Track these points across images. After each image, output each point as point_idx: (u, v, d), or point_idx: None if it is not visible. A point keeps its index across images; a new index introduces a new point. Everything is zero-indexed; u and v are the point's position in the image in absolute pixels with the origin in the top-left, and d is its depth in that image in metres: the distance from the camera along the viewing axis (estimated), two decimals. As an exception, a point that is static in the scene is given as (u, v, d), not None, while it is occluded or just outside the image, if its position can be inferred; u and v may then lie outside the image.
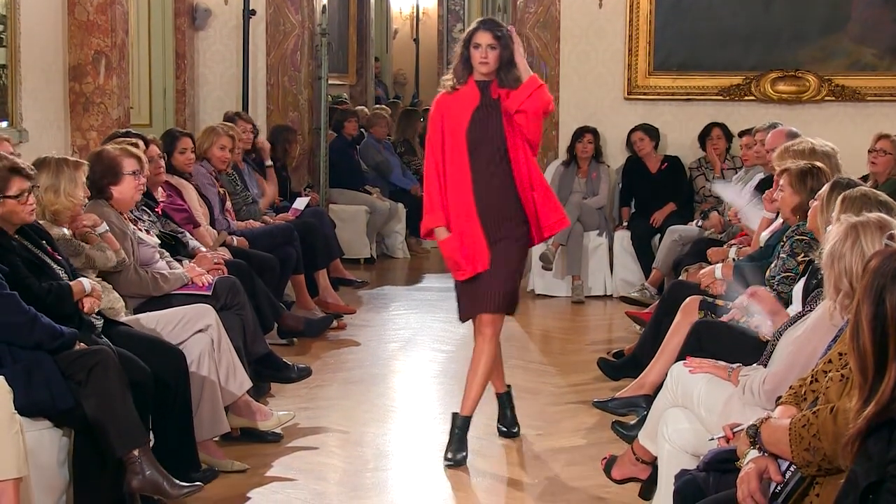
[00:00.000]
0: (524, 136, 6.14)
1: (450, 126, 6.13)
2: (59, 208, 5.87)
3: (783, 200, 6.13)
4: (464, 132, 6.10)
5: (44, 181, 5.75)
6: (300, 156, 11.62)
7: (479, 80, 6.14)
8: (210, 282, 6.73)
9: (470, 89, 6.16)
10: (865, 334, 2.98)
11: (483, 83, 6.14)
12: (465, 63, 6.14)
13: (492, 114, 6.12)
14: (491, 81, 6.13)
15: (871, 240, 3.78)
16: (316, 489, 5.83)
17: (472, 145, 6.10)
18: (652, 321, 7.30)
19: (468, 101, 6.14)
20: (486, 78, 6.13)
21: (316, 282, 9.50)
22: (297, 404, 7.08)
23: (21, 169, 5.25)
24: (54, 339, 4.99)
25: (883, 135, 8.51)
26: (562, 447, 6.50)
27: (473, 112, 6.12)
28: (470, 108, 6.13)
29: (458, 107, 6.15)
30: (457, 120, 6.12)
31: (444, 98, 6.22)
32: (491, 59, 6.05)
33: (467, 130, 6.10)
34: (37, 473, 4.66)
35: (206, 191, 8.62)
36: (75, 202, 5.91)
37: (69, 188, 5.87)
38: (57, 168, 5.87)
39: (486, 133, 6.10)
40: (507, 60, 6.07)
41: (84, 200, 6.00)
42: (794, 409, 3.78)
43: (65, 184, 5.86)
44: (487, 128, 6.10)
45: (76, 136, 9.39)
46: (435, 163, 6.15)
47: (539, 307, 10.62)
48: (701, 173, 10.75)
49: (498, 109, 6.12)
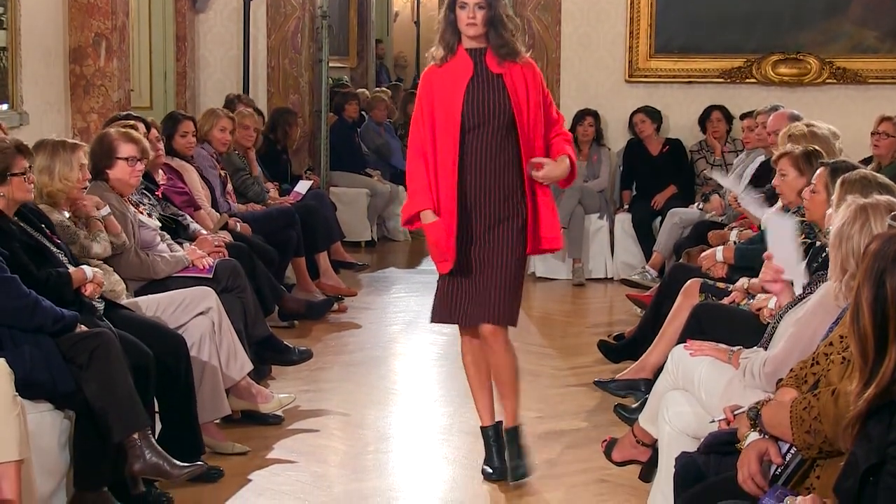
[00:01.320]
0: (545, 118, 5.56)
1: (440, 102, 5.45)
2: (52, 191, 5.83)
3: (787, 184, 6.12)
4: (458, 108, 5.42)
5: (39, 163, 5.73)
6: (301, 138, 11.60)
7: (470, 47, 5.48)
8: (211, 264, 6.73)
9: (461, 60, 5.48)
10: (866, 317, 2.98)
11: (475, 52, 5.48)
12: (452, 28, 5.47)
13: (493, 87, 5.45)
14: (485, 50, 5.47)
15: (880, 222, 3.78)
16: (317, 471, 5.84)
17: (469, 124, 5.43)
18: (652, 304, 7.30)
19: (460, 72, 5.47)
20: (478, 44, 5.47)
21: (317, 264, 9.51)
22: (298, 387, 7.09)
23: (24, 148, 5.29)
24: (56, 322, 4.99)
25: (885, 117, 8.49)
26: (562, 430, 6.51)
27: (468, 85, 5.45)
28: (463, 81, 5.45)
29: (449, 80, 5.46)
30: (449, 95, 5.44)
31: (432, 71, 5.54)
32: (479, 20, 5.39)
33: (462, 106, 5.42)
34: (38, 456, 4.66)
35: (208, 173, 8.62)
36: (70, 185, 5.88)
37: (64, 171, 5.83)
38: (53, 150, 5.85)
39: (487, 109, 5.44)
40: (497, 21, 5.43)
41: (83, 183, 5.97)
42: (795, 391, 3.78)
43: (59, 166, 5.83)
44: (488, 103, 5.44)
45: (77, 118, 9.37)
46: (421, 142, 5.48)
47: (540, 290, 10.62)
48: (702, 156, 10.74)
49: (501, 83, 5.45)
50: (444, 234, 5.43)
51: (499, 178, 5.48)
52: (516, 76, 5.48)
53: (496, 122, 5.45)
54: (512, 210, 5.51)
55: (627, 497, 5.45)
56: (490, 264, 5.51)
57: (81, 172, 5.95)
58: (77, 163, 5.90)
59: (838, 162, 5.33)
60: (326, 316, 8.95)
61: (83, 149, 6.01)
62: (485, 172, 5.47)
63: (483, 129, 5.45)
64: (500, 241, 5.50)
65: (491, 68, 5.47)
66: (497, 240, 5.50)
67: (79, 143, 6.08)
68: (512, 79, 5.46)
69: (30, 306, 4.93)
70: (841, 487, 3.08)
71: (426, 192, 5.45)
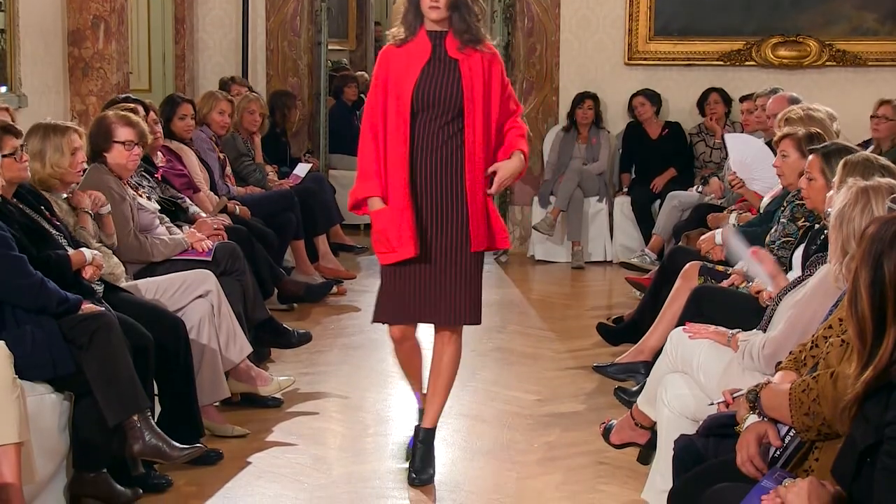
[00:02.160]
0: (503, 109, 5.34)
1: (394, 83, 5.24)
2: (44, 177, 5.75)
3: (788, 165, 6.11)
4: (409, 91, 5.21)
5: (30, 147, 5.68)
6: (300, 121, 11.59)
7: (431, 30, 5.27)
8: (210, 247, 6.73)
9: (420, 41, 5.27)
10: (864, 300, 2.99)
11: (436, 34, 5.27)
12: (415, 10, 5.26)
13: (447, 71, 5.24)
14: (445, 34, 5.26)
15: (881, 204, 3.77)
16: (316, 454, 5.85)
17: (418, 107, 5.22)
18: (652, 287, 7.30)
19: (418, 54, 5.25)
20: (439, 27, 5.26)
21: (316, 247, 9.51)
22: (298, 370, 7.10)
23: (11, 127, 5.27)
24: (60, 303, 5.00)
25: (884, 101, 8.50)
26: (561, 412, 6.51)
27: (423, 67, 5.24)
28: (419, 62, 5.24)
29: (405, 61, 5.25)
30: (402, 76, 5.23)
31: (390, 50, 5.33)
32: (442, 3, 5.18)
33: (414, 88, 5.21)
34: (38, 438, 4.67)
35: (206, 156, 8.61)
36: (62, 170, 5.80)
37: (54, 157, 5.75)
38: (44, 135, 5.78)
39: (437, 94, 5.22)
40: (461, 5, 5.22)
41: (77, 167, 5.91)
42: (794, 374, 3.78)
43: (50, 152, 5.75)
44: (439, 87, 5.23)
45: (75, 101, 9.37)
46: (373, 124, 5.26)
47: (539, 273, 10.63)
48: (701, 139, 10.74)
49: (456, 68, 5.24)
50: (393, 223, 5.20)
51: (446, 168, 5.27)
52: (474, 64, 5.26)
53: (445, 108, 5.24)
54: (458, 203, 5.27)
55: (626, 479, 5.45)
56: (445, 260, 5.29)
57: (75, 156, 5.87)
58: (69, 147, 5.82)
59: (830, 145, 5.32)
60: (326, 299, 8.96)
61: (76, 132, 5.92)
62: (432, 161, 5.27)
63: (431, 114, 5.25)
64: (451, 236, 5.28)
65: (449, 52, 5.26)
66: (448, 234, 5.28)
67: (71, 125, 5.99)
68: (469, 66, 5.25)
69: (36, 286, 4.93)
70: (839, 469, 3.08)
71: (375, 177, 5.26)
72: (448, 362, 5.50)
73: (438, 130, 5.25)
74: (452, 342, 5.48)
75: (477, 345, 7.74)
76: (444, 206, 5.27)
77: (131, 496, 5.12)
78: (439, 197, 5.27)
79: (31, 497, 4.71)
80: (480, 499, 5.31)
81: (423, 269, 5.28)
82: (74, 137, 5.88)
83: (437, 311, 5.33)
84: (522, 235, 11.34)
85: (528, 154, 5.45)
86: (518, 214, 11.36)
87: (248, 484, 5.42)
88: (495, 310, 8.88)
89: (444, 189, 5.27)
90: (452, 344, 5.48)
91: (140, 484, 5.21)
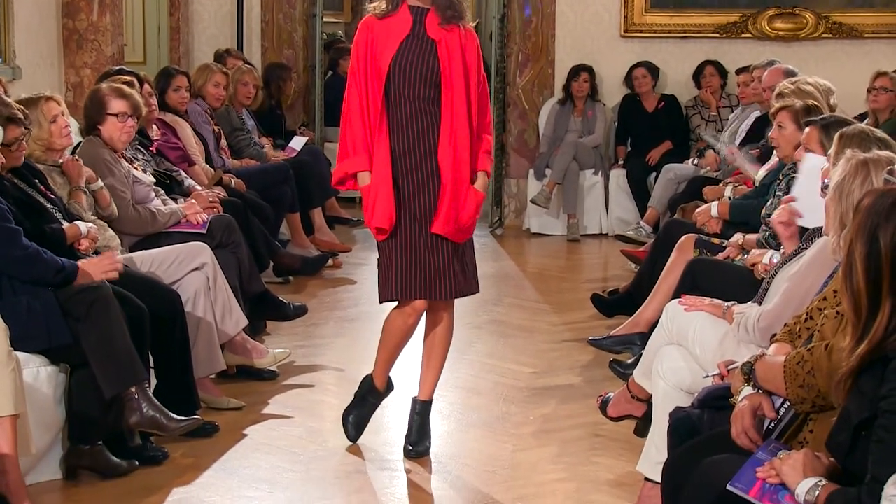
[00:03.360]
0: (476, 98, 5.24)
1: (374, 56, 5.16)
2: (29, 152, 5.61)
3: (784, 137, 6.10)
4: (386, 66, 5.14)
5: None
6: (295, 94, 11.56)
7: (414, 5, 5.19)
8: (205, 220, 6.72)
9: (402, 16, 5.19)
10: (859, 273, 2.99)
11: (417, 10, 5.19)
12: None
13: (424, 51, 5.17)
14: (427, 10, 5.18)
15: (881, 177, 3.76)
16: (312, 426, 5.86)
17: (393, 83, 5.16)
18: (647, 259, 7.31)
19: (397, 29, 5.17)
20: (422, 4, 5.18)
21: (311, 220, 9.50)
22: (293, 342, 7.10)
23: (17, 117, 5.23)
24: (57, 272, 5.02)
25: (881, 72, 8.49)
26: (557, 385, 6.52)
27: (401, 43, 5.16)
28: (397, 39, 5.16)
29: (385, 35, 5.17)
30: (381, 50, 5.16)
31: (371, 22, 5.23)
32: None
33: (390, 64, 5.14)
34: (34, 410, 4.68)
35: (201, 128, 8.60)
36: (43, 141, 5.75)
37: (34, 131, 5.65)
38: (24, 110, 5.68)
39: (413, 72, 5.16)
40: None
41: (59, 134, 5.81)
42: (789, 346, 3.79)
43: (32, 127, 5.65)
44: (415, 66, 5.16)
45: (70, 73, 9.33)
46: (359, 97, 5.16)
47: (534, 245, 10.63)
48: (697, 112, 10.74)
49: (434, 49, 5.17)
50: (380, 197, 5.14)
51: (423, 148, 5.20)
52: (453, 44, 5.17)
53: (420, 86, 5.16)
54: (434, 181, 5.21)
55: (621, 452, 5.47)
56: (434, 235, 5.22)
57: (56, 123, 5.80)
58: (45, 117, 5.75)
59: (829, 117, 5.32)
60: (321, 272, 8.96)
61: (51, 99, 5.81)
62: (410, 140, 5.20)
63: (406, 91, 5.17)
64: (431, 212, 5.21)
65: (429, 31, 5.18)
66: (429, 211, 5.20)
67: (44, 94, 5.87)
68: (447, 46, 5.16)
69: (31, 257, 4.94)
70: (833, 441, 3.09)
71: (364, 151, 5.18)
72: (442, 334, 5.49)
73: (414, 108, 5.17)
74: (446, 314, 5.47)
75: (472, 317, 7.75)
76: (422, 183, 5.20)
77: (127, 468, 5.13)
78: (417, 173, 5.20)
79: (27, 469, 4.73)
80: (476, 471, 5.32)
81: (416, 242, 5.23)
82: (50, 105, 5.80)
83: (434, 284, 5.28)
84: (518, 208, 11.34)
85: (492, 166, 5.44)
86: (514, 187, 11.35)
87: (244, 456, 5.43)
88: (491, 282, 8.88)
89: (421, 166, 5.20)
90: (446, 316, 5.47)
91: (136, 456, 5.22)
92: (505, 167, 11.27)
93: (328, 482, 5.16)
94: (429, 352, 5.55)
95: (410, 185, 5.22)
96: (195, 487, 5.07)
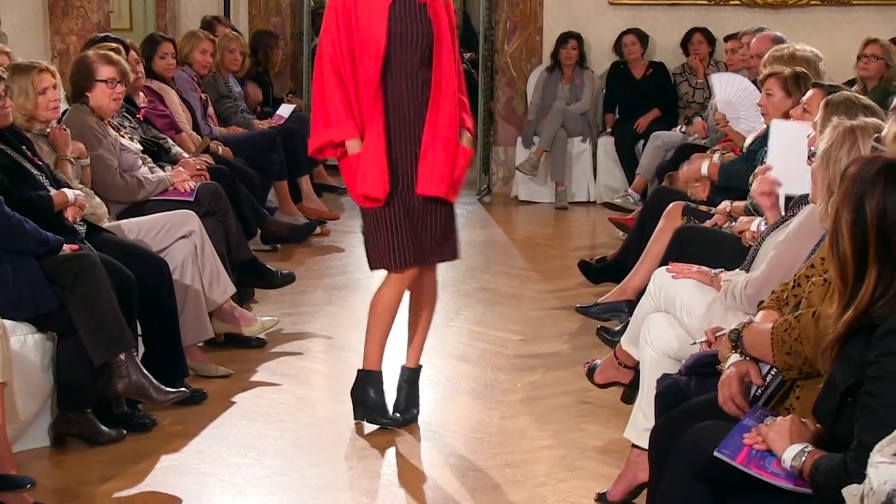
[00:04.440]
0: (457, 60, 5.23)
1: (364, 23, 5.08)
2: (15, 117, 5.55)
3: (773, 104, 6.09)
4: (383, 35, 5.07)
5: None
6: (282, 61, 11.51)
7: None
8: (193, 188, 6.70)
9: None
10: (845, 241, 2.99)
11: None
12: None
13: (415, 12, 5.12)
14: None
15: (868, 145, 3.76)
16: (300, 394, 5.87)
17: (393, 52, 5.11)
18: (635, 227, 7.31)
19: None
20: None
21: (299, 188, 9.48)
22: (281, 310, 7.10)
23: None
24: (40, 245, 4.99)
25: (871, 39, 8.46)
26: (544, 352, 6.54)
27: (389, 8, 5.09)
28: (384, 3, 5.09)
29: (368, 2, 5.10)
30: (368, 17, 5.08)
31: None
32: None
33: (387, 34, 5.08)
34: (21, 378, 4.68)
35: (188, 96, 8.56)
36: (28, 110, 5.67)
37: (18, 99, 5.59)
38: (11, 77, 5.52)
39: (409, 38, 5.12)
40: None
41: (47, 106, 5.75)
42: (776, 313, 3.80)
43: (16, 93, 5.58)
44: (411, 31, 5.12)
45: (56, 40, 9.29)
46: (337, 68, 5.08)
47: (522, 213, 10.63)
48: (685, 79, 10.72)
49: (424, 11, 5.14)
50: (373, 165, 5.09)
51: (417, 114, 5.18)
52: (439, 8, 5.18)
53: (418, 52, 5.14)
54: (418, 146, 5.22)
55: (609, 419, 5.49)
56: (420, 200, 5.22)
57: (44, 96, 5.71)
58: (34, 87, 5.65)
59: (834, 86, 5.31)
60: (309, 239, 8.95)
61: (45, 70, 5.73)
62: (405, 107, 5.18)
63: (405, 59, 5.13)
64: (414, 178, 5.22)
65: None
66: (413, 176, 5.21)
67: (38, 64, 5.80)
68: (434, 5, 5.16)
69: (13, 228, 4.92)
70: (820, 408, 3.11)
71: (349, 118, 5.10)
72: (430, 299, 5.50)
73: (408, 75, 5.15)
74: (432, 279, 5.47)
75: (460, 285, 7.75)
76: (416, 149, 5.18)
77: (116, 436, 5.14)
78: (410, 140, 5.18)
79: (15, 436, 4.73)
80: (464, 438, 5.34)
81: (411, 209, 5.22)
82: (43, 77, 5.70)
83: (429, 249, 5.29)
84: (506, 176, 11.32)
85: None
86: (501, 155, 11.33)
87: (233, 423, 5.44)
88: (479, 250, 8.89)
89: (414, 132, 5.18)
90: (433, 281, 5.48)
91: (125, 423, 5.23)
92: (493, 135, 11.26)
93: (316, 449, 5.17)
94: (416, 318, 5.54)
95: (404, 152, 5.19)
96: (183, 455, 5.08)
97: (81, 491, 4.70)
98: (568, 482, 4.86)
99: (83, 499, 4.63)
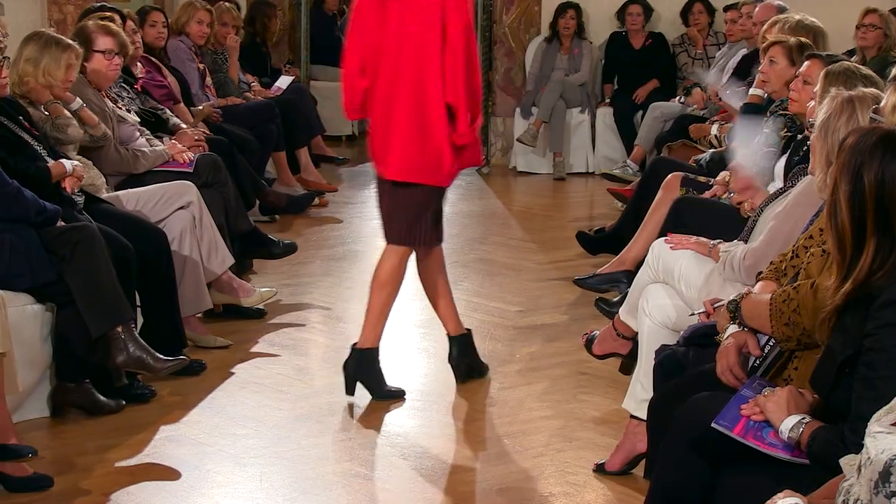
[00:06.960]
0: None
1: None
2: (31, 84, 5.67)
3: (775, 72, 6.04)
4: None
5: (27, 52, 5.64)
6: (280, 31, 11.47)
7: None
8: (191, 159, 6.69)
9: None
10: (843, 212, 2.99)
11: None
12: None
13: None
14: None
15: (866, 115, 3.75)
16: (298, 365, 5.88)
17: None
18: (633, 198, 7.30)
19: None
20: None
21: (297, 159, 9.47)
22: (280, 281, 7.11)
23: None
24: (38, 213, 4.99)
25: (871, 9, 8.44)
26: (543, 323, 6.55)
27: None
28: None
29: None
30: None
31: None
32: None
33: None
34: (20, 348, 4.67)
35: (185, 66, 8.54)
36: (52, 82, 5.71)
37: (50, 66, 5.66)
38: (45, 45, 5.67)
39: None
40: None
41: (66, 84, 5.79)
42: (775, 284, 3.80)
43: (47, 61, 5.66)
44: None
45: (53, 9, 9.26)
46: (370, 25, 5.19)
47: (520, 184, 10.63)
48: (684, 49, 10.70)
49: None
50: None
51: None
52: None
53: None
54: None
55: (607, 389, 5.50)
56: None
57: (67, 73, 5.76)
58: (65, 62, 5.71)
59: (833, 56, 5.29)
60: (307, 210, 8.94)
61: (75, 52, 5.80)
62: None
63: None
64: None
65: None
66: None
67: (73, 44, 5.86)
68: None
69: (11, 195, 4.91)
70: (817, 378, 3.11)
71: None
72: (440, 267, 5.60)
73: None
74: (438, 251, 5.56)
75: (459, 256, 7.76)
76: None
77: (115, 407, 5.15)
78: None
79: (14, 407, 4.74)
80: (462, 409, 5.35)
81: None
82: (72, 56, 5.77)
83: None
84: (504, 147, 11.31)
85: None
86: (500, 126, 11.32)
87: (231, 394, 5.45)
88: (477, 221, 8.89)
89: None
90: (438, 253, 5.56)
91: (123, 395, 5.24)
92: (491, 106, 11.23)
93: (314, 420, 5.18)
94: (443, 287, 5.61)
95: None
96: (182, 425, 5.09)
97: (80, 461, 4.71)
98: (566, 452, 4.87)
99: (82, 469, 4.64)
